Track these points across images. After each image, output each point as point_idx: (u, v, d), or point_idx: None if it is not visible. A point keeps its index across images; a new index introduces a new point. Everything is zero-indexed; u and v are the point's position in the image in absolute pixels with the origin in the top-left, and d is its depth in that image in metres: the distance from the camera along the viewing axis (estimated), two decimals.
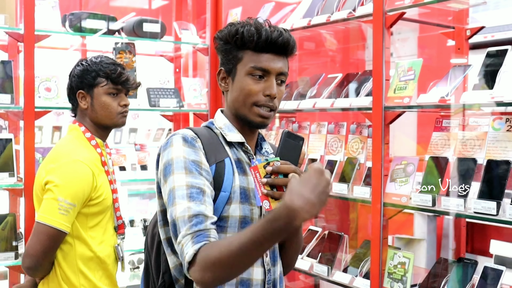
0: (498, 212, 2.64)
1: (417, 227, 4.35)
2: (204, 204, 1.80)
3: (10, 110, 3.66)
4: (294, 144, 1.93)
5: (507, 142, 2.79)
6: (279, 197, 1.83)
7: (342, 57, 4.88)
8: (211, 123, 2.07)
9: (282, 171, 1.83)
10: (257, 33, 1.91)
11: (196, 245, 1.70)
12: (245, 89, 1.94)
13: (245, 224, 1.93)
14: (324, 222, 4.58)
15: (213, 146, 1.95)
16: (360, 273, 3.34)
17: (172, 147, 1.88)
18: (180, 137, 1.90)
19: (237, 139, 2.00)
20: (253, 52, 1.94)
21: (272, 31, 1.92)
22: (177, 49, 4.88)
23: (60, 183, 2.60)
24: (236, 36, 1.93)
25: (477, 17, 3.77)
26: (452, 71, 3.07)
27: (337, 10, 3.57)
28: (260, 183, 1.84)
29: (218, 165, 1.92)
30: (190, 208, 1.77)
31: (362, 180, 3.37)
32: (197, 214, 1.76)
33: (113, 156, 4.28)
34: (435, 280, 3.02)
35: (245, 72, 1.94)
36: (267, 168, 1.84)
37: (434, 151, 3.11)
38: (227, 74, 2.00)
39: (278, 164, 1.84)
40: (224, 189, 1.90)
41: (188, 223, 1.74)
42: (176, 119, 4.83)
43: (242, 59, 1.95)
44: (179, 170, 1.83)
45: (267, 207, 1.83)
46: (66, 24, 4.03)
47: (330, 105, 3.53)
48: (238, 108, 1.97)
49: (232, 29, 1.95)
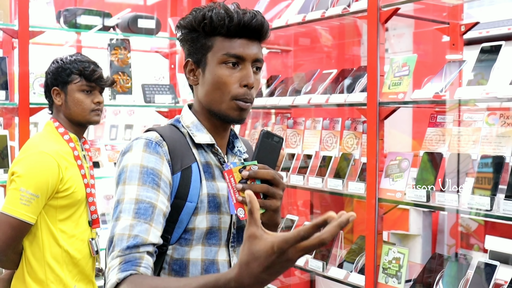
0: (492, 207, 2.64)
1: (412, 222, 4.36)
2: (149, 223, 1.59)
3: (4, 107, 3.66)
4: (273, 144, 1.76)
5: (501, 138, 2.79)
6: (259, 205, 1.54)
7: (337, 53, 4.89)
8: (177, 120, 1.87)
9: (260, 176, 1.64)
10: (228, 16, 1.72)
11: (120, 274, 1.49)
12: (220, 80, 1.73)
13: (211, 235, 1.76)
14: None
15: (179, 150, 1.75)
16: (355, 268, 3.34)
17: (131, 153, 1.69)
18: (142, 142, 1.70)
19: (206, 140, 1.81)
20: (224, 38, 1.74)
21: (244, 14, 1.73)
22: (172, 45, 4.88)
23: (23, 173, 2.61)
24: (204, 22, 1.73)
25: (472, 13, 3.78)
26: (446, 66, 3.07)
27: (332, 5, 3.56)
28: (234, 189, 1.65)
29: (184, 172, 1.73)
30: (133, 227, 1.56)
31: (357, 175, 3.37)
32: (136, 236, 1.55)
33: (108, 152, 4.29)
34: (430, 275, 3.02)
35: (217, 61, 1.74)
36: (243, 172, 1.65)
37: (428, 146, 3.11)
38: (195, 65, 1.80)
39: (255, 169, 1.65)
40: (190, 199, 1.71)
41: (124, 243, 1.54)
42: (171, 115, 4.82)
43: (212, 47, 1.75)
44: (131, 180, 1.63)
45: (241, 215, 1.64)
46: (60, 20, 4.03)
47: (325, 101, 3.53)
48: (211, 103, 1.78)
49: (198, 14, 1.75)
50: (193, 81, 1.83)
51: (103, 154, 4.25)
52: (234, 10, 1.74)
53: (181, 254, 1.73)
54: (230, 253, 1.82)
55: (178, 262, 1.73)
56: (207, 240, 1.76)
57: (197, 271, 1.74)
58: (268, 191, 1.65)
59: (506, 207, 2.59)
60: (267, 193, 1.65)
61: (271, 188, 1.65)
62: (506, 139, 2.77)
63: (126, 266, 1.51)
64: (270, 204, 1.65)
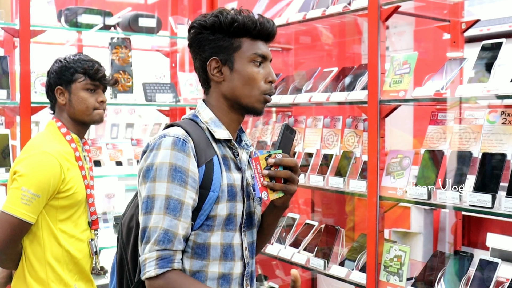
0: (494, 205, 2.64)
1: (413, 220, 4.36)
2: (178, 218, 1.81)
3: (6, 106, 3.66)
4: (290, 136, 2.00)
5: (502, 135, 2.79)
6: (278, 189, 1.89)
7: (338, 51, 4.89)
8: (195, 116, 2.04)
9: (285, 164, 1.89)
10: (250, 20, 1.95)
11: (159, 270, 1.77)
12: (251, 77, 1.96)
13: (229, 221, 1.96)
14: (321, 215, 4.59)
15: (203, 144, 1.93)
16: (356, 266, 3.34)
17: (159, 151, 1.86)
18: (170, 140, 1.86)
19: (224, 136, 1.99)
20: (251, 40, 1.97)
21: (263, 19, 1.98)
22: (173, 44, 4.88)
23: (25, 172, 2.61)
24: (235, 24, 1.94)
25: (473, 10, 3.78)
26: (447, 64, 3.07)
27: (332, 4, 3.56)
28: (260, 175, 1.87)
29: (207, 165, 1.91)
30: (164, 221, 1.79)
31: (358, 173, 3.37)
32: (167, 230, 1.79)
33: (110, 151, 4.29)
34: (431, 273, 3.03)
35: (247, 59, 1.96)
36: (269, 160, 1.88)
37: (429, 144, 3.11)
38: (221, 63, 1.98)
39: (280, 157, 1.89)
40: (213, 189, 1.90)
41: (157, 237, 1.79)
42: (172, 114, 4.82)
43: (240, 47, 1.96)
44: (161, 178, 1.83)
45: (265, 198, 1.88)
46: (62, 19, 4.03)
47: (326, 99, 3.53)
48: (241, 97, 1.98)
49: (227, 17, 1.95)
50: (218, 78, 1.99)
51: (104, 153, 4.25)
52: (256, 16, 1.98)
53: (203, 239, 1.91)
54: (242, 236, 2.02)
55: (201, 246, 1.91)
56: (226, 226, 1.95)
57: (217, 254, 1.94)
58: (290, 176, 1.90)
59: (508, 205, 2.59)
60: (289, 179, 1.90)
61: (293, 174, 1.91)
62: (507, 136, 2.77)
63: (163, 262, 1.78)
64: (290, 188, 1.92)
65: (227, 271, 1.96)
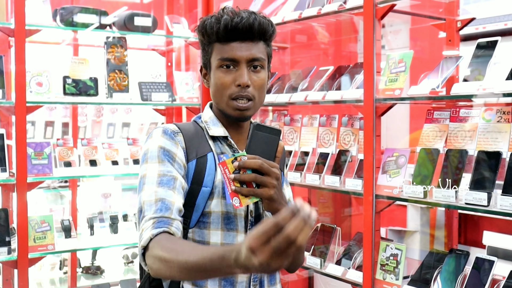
0: (489, 203, 2.65)
1: (410, 219, 4.36)
2: (172, 190, 1.77)
3: (1, 105, 3.65)
4: (267, 137, 1.83)
5: (498, 133, 2.80)
6: (246, 193, 1.76)
7: (334, 49, 4.88)
8: (198, 117, 2.05)
9: (247, 166, 1.75)
10: (217, 23, 1.86)
11: (154, 230, 1.66)
12: (218, 82, 1.89)
13: (228, 220, 1.89)
14: (317, 214, 4.59)
15: (196, 141, 1.92)
16: (353, 265, 3.35)
17: (151, 139, 1.88)
18: (160, 129, 1.90)
19: (219, 133, 1.96)
20: (220, 44, 1.88)
21: (232, 18, 1.85)
22: (169, 43, 4.87)
23: None
24: (202, 31, 1.91)
25: (468, 9, 3.78)
26: (443, 62, 3.07)
27: (328, 2, 3.57)
28: (229, 180, 1.76)
29: (199, 160, 1.88)
30: (157, 192, 1.75)
31: (354, 172, 3.37)
32: (163, 199, 1.74)
33: (106, 151, 4.29)
34: (427, 271, 3.03)
35: (216, 65, 1.89)
36: (234, 163, 1.76)
37: (425, 143, 3.11)
38: (205, 69, 1.98)
39: (245, 159, 1.76)
40: (205, 184, 1.87)
41: (153, 207, 1.73)
42: (168, 113, 4.82)
43: (212, 52, 1.91)
44: (152, 160, 1.83)
45: (237, 204, 1.76)
46: (57, 18, 4.02)
47: (321, 97, 3.53)
48: (217, 103, 1.94)
49: (201, 23, 1.92)
50: (206, 83, 2.00)
51: (100, 152, 4.25)
52: (225, 16, 1.87)
53: (201, 236, 1.87)
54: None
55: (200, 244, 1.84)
56: (225, 225, 1.89)
57: None
58: (255, 179, 1.75)
59: (503, 203, 2.59)
60: (256, 182, 1.75)
61: (259, 177, 1.75)
62: (503, 134, 2.77)
63: (159, 224, 1.69)
64: (261, 192, 1.75)
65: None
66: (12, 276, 3.72)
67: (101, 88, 4.15)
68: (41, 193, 5.36)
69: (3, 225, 3.54)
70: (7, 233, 3.53)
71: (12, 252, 3.54)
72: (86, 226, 4.25)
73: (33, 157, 3.74)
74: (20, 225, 3.58)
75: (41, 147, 3.80)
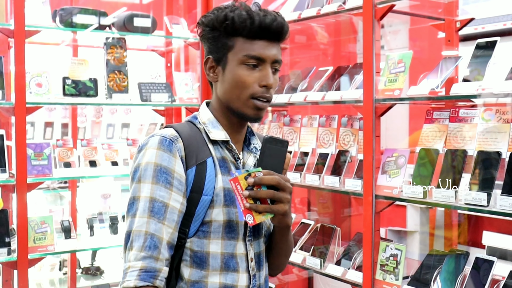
0: (489, 203, 2.65)
1: (409, 219, 4.36)
2: (162, 222, 1.70)
3: (1, 106, 3.65)
4: (277, 149, 1.77)
5: (497, 133, 2.80)
6: (262, 210, 1.70)
7: (333, 50, 4.89)
8: (194, 117, 1.95)
9: (265, 182, 1.69)
10: (250, 18, 1.77)
11: (139, 282, 1.64)
12: (240, 80, 1.79)
13: (230, 228, 1.82)
14: (317, 215, 4.59)
15: (195, 145, 1.81)
16: (352, 265, 3.35)
17: (146, 150, 1.77)
18: (157, 139, 1.77)
19: (221, 137, 1.87)
20: (245, 39, 1.79)
21: (265, 16, 1.79)
22: (168, 43, 4.87)
23: None
24: (226, 22, 1.78)
25: (467, 9, 3.79)
26: (442, 63, 3.07)
27: (327, 3, 3.56)
28: (241, 196, 1.69)
29: (198, 167, 1.79)
30: (148, 224, 1.68)
31: (354, 172, 3.37)
32: (152, 234, 1.68)
33: (105, 151, 4.29)
34: (427, 271, 3.03)
35: (238, 61, 1.80)
36: (248, 180, 1.69)
37: (425, 143, 3.11)
38: (215, 63, 1.86)
39: (260, 175, 1.70)
40: (205, 193, 1.78)
41: (141, 240, 1.67)
42: (168, 113, 4.82)
43: (233, 47, 1.80)
44: (146, 179, 1.72)
45: (251, 221, 1.69)
46: (56, 19, 4.02)
47: (321, 98, 3.53)
48: (230, 101, 1.84)
49: (220, 14, 1.80)
50: (212, 78, 1.89)
51: (99, 153, 4.25)
52: (255, 12, 1.79)
53: (200, 246, 1.79)
54: (248, 247, 1.88)
55: (199, 254, 1.80)
56: (226, 234, 1.82)
57: (217, 264, 1.81)
58: (274, 196, 1.70)
59: (503, 203, 2.59)
60: (273, 199, 1.71)
61: (277, 193, 1.71)
62: (502, 134, 2.77)
63: (145, 276, 1.65)
64: (278, 209, 1.72)
65: (230, 282, 1.83)
66: (12, 277, 3.72)
67: (100, 89, 4.15)
68: (41, 194, 5.36)
69: (3, 226, 3.54)
70: (7, 234, 3.53)
71: (12, 253, 3.54)
72: (86, 227, 4.25)
73: (32, 158, 3.75)
74: (20, 226, 3.58)
75: (41, 148, 3.80)
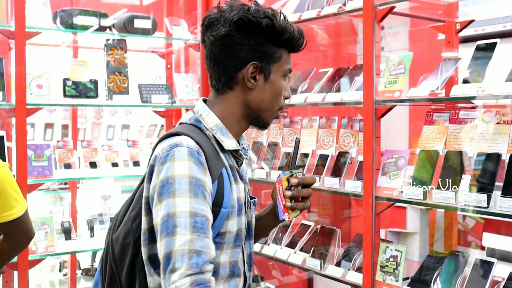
0: (489, 204, 2.65)
1: (409, 220, 4.37)
2: (207, 236, 1.59)
3: (1, 107, 3.65)
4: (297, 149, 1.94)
5: (497, 135, 2.80)
6: (300, 208, 1.85)
7: (333, 51, 4.89)
8: (197, 121, 1.83)
9: (308, 182, 1.86)
10: (301, 37, 1.83)
11: None
12: (280, 92, 1.83)
13: (237, 237, 1.81)
14: (317, 216, 4.59)
15: (213, 157, 1.75)
16: (352, 266, 3.35)
17: (174, 162, 1.63)
18: (185, 150, 1.65)
19: (232, 146, 1.82)
20: (287, 53, 1.84)
21: (303, 35, 1.85)
22: (169, 45, 4.88)
23: None
24: (287, 35, 1.78)
25: (467, 11, 3.78)
26: (442, 64, 3.08)
27: (327, 4, 3.57)
28: (282, 196, 1.79)
29: (219, 179, 1.73)
30: (193, 241, 1.54)
31: (354, 174, 3.37)
32: (199, 251, 1.54)
33: (105, 153, 4.29)
34: (427, 273, 3.03)
35: (282, 73, 1.82)
36: (292, 180, 1.82)
37: (425, 144, 3.11)
38: (259, 70, 1.79)
39: (301, 176, 1.85)
40: (224, 205, 1.73)
41: (186, 259, 1.53)
42: (168, 115, 4.82)
43: (280, 58, 1.81)
44: (182, 193, 1.59)
45: (287, 219, 1.83)
46: (57, 20, 4.03)
47: (321, 99, 3.53)
48: (263, 110, 1.83)
49: (280, 24, 1.77)
50: (251, 84, 1.80)
51: (100, 154, 4.25)
52: (294, 25, 1.82)
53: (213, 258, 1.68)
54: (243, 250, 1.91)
55: None
56: (235, 243, 1.82)
57: (226, 273, 1.79)
58: (309, 194, 1.88)
59: (503, 204, 2.59)
60: (307, 196, 1.87)
61: (311, 191, 1.89)
62: (502, 136, 2.77)
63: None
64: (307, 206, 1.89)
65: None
66: (12, 278, 3.72)
67: (101, 90, 4.15)
68: (41, 195, 5.36)
69: None
70: None
71: None
72: (86, 228, 4.25)
73: (33, 159, 3.75)
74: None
75: (41, 149, 3.81)
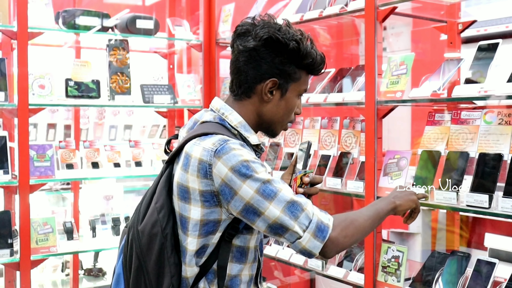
0: (491, 205, 2.65)
1: None
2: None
3: (4, 108, 3.66)
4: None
5: (499, 135, 2.80)
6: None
7: (335, 52, 4.89)
8: (221, 119, 1.94)
9: (317, 181, 2.05)
10: (323, 62, 1.99)
11: (328, 221, 1.82)
12: (292, 109, 1.99)
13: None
14: None
15: None
16: (354, 267, 3.35)
17: (236, 151, 1.77)
18: (237, 142, 1.81)
19: (256, 141, 1.96)
20: (307, 74, 1.97)
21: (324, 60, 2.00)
22: (171, 45, 4.88)
23: None
24: (309, 60, 1.93)
25: (469, 11, 3.78)
26: (444, 65, 3.07)
27: (329, 5, 3.57)
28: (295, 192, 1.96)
29: None
30: (293, 199, 1.78)
31: (356, 174, 3.37)
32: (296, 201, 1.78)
33: (108, 153, 4.30)
34: (429, 273, 3.03)
35: (298, 92, 1.97)
36: (305, 179, 2.01)
37: (427, 145, 3.11)
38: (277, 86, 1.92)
39: (312, 175, 2.03)
40: None
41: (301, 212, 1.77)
42: (170, 115, 4.83)
43: (299, 79, 1.94)
44: (259, 168, 1.77)
45: None
46: (59, 21, 4.03)
47: (323, 100, 3.53)
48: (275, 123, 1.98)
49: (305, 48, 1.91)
50: (267, 98, 1.93)
51: (102, 155, 4.25)
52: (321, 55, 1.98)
53: (244, 242, 1.88)
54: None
55: (240, 249, 1.88)
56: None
57: (252, 257, 1.93)
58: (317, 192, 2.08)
59: (505, 205, 2.59)
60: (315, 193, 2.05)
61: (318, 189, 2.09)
62: (504, 136, 2.77)
63: (319, 233, 1.79)
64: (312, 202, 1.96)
65: (253, 272, 1.95)
66: (14, 278, 3.73)
67: (103, 91, 4.16)
68: (43, 195, 5.37)
69: (5, 227, 3.55)
70: (10, 235, 3.54)
71: (14, 254, 3.55)
72: (88, 228, 4.26)
73: (35, 159, 3.76)
74: (23, 227, 3.59)
75: (44, 149, 3.81)
